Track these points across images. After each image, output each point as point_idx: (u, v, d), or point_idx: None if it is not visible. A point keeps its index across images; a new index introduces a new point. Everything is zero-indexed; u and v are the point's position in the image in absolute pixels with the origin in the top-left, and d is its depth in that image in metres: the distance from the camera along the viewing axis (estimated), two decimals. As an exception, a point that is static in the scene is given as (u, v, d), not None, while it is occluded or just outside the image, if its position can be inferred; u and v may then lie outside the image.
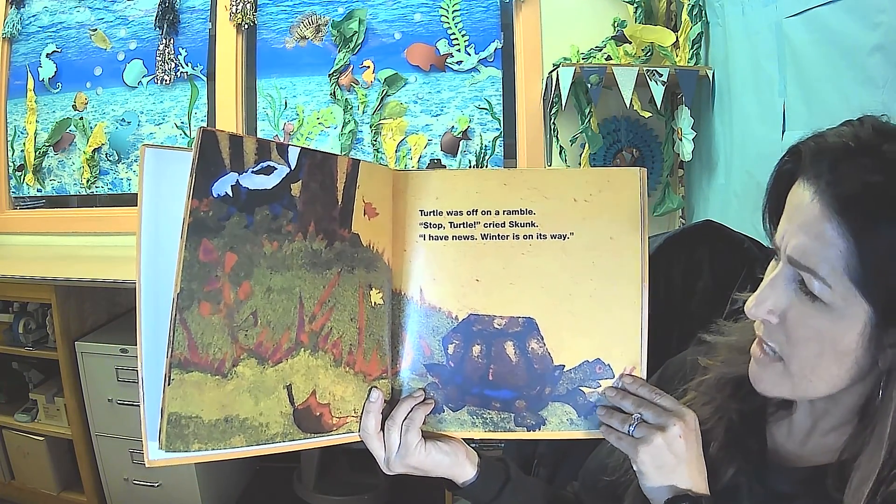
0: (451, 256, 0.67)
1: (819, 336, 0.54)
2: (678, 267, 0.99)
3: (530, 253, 0.66)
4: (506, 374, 0.67)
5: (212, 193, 0.55)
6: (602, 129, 2.05)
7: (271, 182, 0.58)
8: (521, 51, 2.19)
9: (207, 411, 0.56)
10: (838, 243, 0.51)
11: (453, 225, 0.67)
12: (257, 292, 0.58)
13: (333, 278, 0.62)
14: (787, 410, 0.67)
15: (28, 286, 1.93)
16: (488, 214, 0.67)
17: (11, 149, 2.49)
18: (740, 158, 1.65)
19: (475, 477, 0.70)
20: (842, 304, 0.52)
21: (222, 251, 0.56)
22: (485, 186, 0.67)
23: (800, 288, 0.55)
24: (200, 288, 0.55)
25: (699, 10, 1.85)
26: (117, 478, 2.01)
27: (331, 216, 0.62)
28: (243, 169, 0.57)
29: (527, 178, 0.67)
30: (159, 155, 0.58)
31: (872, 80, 1.07)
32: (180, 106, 2.35)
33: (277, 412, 0.60)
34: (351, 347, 0.64)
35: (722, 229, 0.99)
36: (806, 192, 0.54)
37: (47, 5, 2.44)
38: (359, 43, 2.23)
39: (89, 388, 1.96)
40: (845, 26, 1.16)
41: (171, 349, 0.53)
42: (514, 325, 0.66)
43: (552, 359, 0.66)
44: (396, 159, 2.24)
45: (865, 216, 0.50)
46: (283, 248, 0.59)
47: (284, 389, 0.60)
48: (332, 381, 0.63)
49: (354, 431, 0.66)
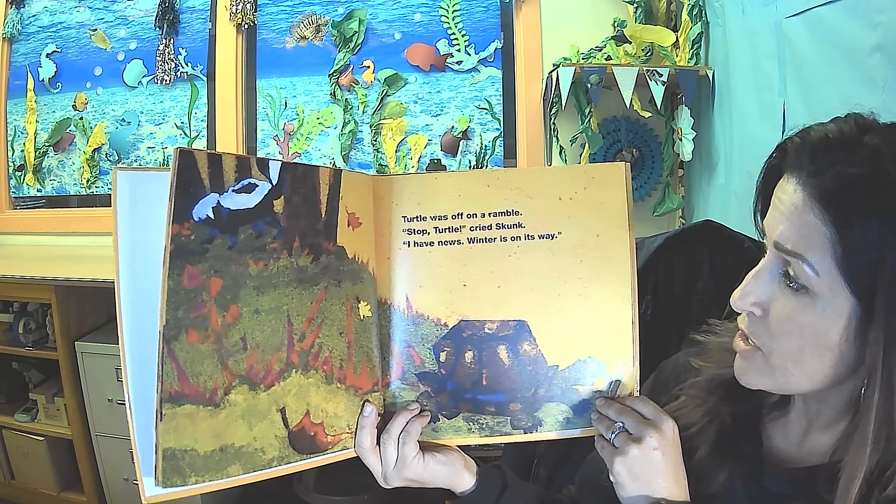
0: (438, 262, 0.66)
1: (801, 330, 0.54)
2: (678, 267, 0.99)
3: (518, 254, 0.65)
4: (500, 378, 0.66)
5: (192, 217, 0.53)
6: (602, 129, 2.04)
7: (253, 200, 0.56)
8: (521, 51, 2.19)
9: (202, 443, 0.54)
10: (823, 230, 0.51)
11: (438, 230, 0.66)
12: (245, 315, 0.56)
13: (321, 294, 0.61)
14: (783, 411, 0.67)
15: (28, 286, 1.93)
16: (474, 217, 0.65)
17: (11, 149, 2.49)
18: (740, 158, 1.65)
19: (474, 486, 0.69)
20: (828, 293, 0.52)
21: (207, 276, 0.54)
22: (468, 189, 0.66)
23: (784, 281, 0.55)
24: (187, 315, 0.53)
25: (699, 10, 1.85)
26: (117, 478, 2.01)
27: (315, 230, 0.60)
28: (224, 189, 0.54)
29: (510, 179, 0.66)
30: (133, 178, 0.56)
31: (872, 80, 1.07)
32: (180, 106, 2.35)
33: (272, 436, 0.58)
34: (341, 363, 0.63)
35: (722, 229, 0.98)
36: (790, 184, 0.55)
37: (47, 5, 2.44)
38: (359, 43, 2.23)
39: (89, 388, 1.96)
40: (845, 26, 1.16)
41: (160, 383, 0.52)
42: (506, 328, 0.66)
43: (546, 360, 0.66)
44: (396, 159, 2.24)
45: (847, 206, 0.50)
46: (268, 267, 0.57)
47: (278, 413, 0.58)
48: (324, 398, 0.62)
49: (350, 448, 0.65)
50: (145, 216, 0.55)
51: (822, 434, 0.62)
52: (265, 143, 2.31)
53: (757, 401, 0.67)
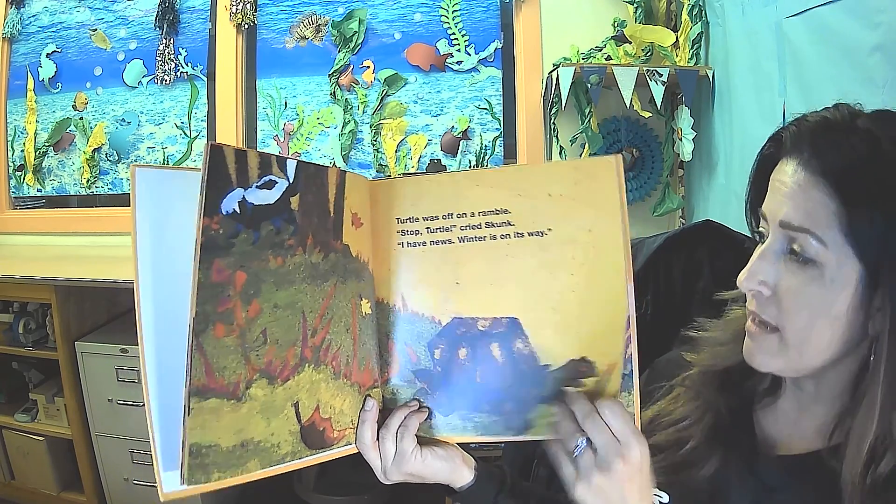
0: (430, 262, 0.66)
1: (811, 302, 0.56)
2: (678, 267, 0.99)
3: (509, 252, 0.65)
4: (493, 376, 0.66)
5: (221, 211, 0.54)
6: (602, 129, 2.05)
7: (273, 196, 0.57)
8: (521, 51, 2.19)
9: (225, 438, 0.55)
10: (828, 203, 0.54)
11: (430, 230, 0.66)
12: (265, 310, 0.57)
13: (330, 290, 0.62)
14: (773, 397, 0.68)
15: (28, 286, 1.93)
16: (464, 217, 0.65)
17: (11, 149, 2.49)
18: (740, 158, 1.66)
19: (472, 481, 0.69)
20: (835, 264, 0.54)
21: (233, 270, 0.54)
22: (458, 189, 0.66)
23: (790, 258, 0.57)
24: (214, 309, 0.53)
25: (699, 10, 1.85)
26: (117, 478, 2.01)
27: (325, 228, 0.61)
28: (248, 184, 0.56)
29: (500, 178, 0.66)
30: (151, 176, 0.57)
31: (872, 80, 1.07)
32: (180, 106, 2.35)
33: (286, 431, 0.59)
34: (348, 359, 0.64)
35: (722, 229, 0.98)
36: (790, 167, 0.58)
37: (47, 5, 2.44)
38: (359, 43, 2.23)
39: (89, 388, 1.96)
40: (845, 26, 1.16)
41: (189, 377, 0.52)
42: (499, 325, 0.65)
43: (537, 358, 0.65)
44: (396, 159, 2.24)
45: (850, 180, 0.54)
46: (286, 263, 0.58)
47: (292, 407, 0.59)
48: (332, 394, 0.62)
49: (352, 443, 0.65)
50: (164, 214, 0.56)
51: (814, 419, 0.63)
52: (265, 143, 2.31)
53: (749, 391, 0.68)
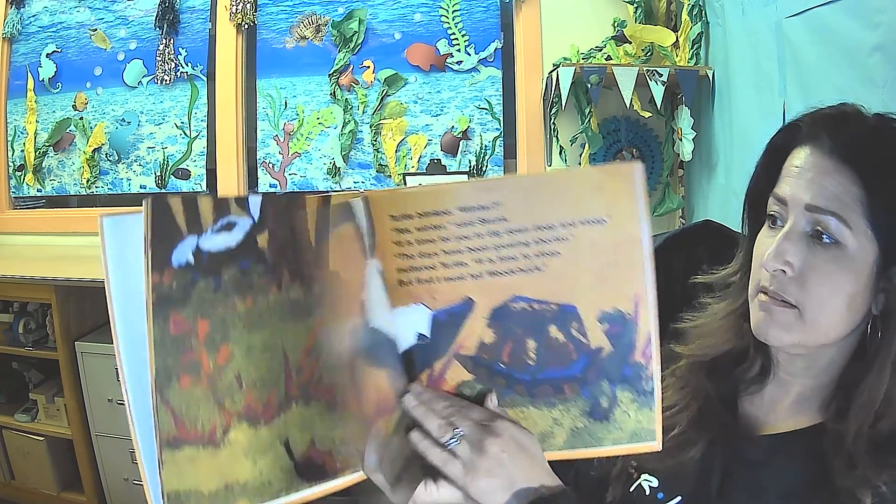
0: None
1: (832, 281, 0.59)
2: (678, 267, 0.99)
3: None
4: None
5: (172, 264, 0.51)
6: (602, 129, 2.05)
7: (234, 239, 0.54)
8: (521, 51, 2.19)
9: (205, 483, 0.53)
10: (852, 189, 0.58)
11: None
12: (237, 354, 0.54)
13: (316, 323, 0.59)
14: (760, 385, 0.71)
15: (28, 286, 1.93)
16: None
17: (11, 149, 2.49)
18: (740, 158, 1.65)
19: None
20: (855, 245, 0.58)
21: (193, 320, 0.52)
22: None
23: (813, 240, 0.60)
24: (177, 362, 0.51)
25: (699, 10, 1.85)
26: (117, 478, 2.02)
27: (305, 260, 0.58)
28: (202, 231, 0.52)
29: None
30: (119, 223, 0.53)
31: (872, 80, 1.07)
32: (180, 106, 2.35)
33: (278, 468, 0.57)
34: (344, 389, 0.61)
35: (722, 229, 0.98)
36: (810, 153, 0.61)
37: (47, 5, 2.44)
38: (359, 43, 2.23)
39: (89, 388, 1.97)
40: (845, 26, 1.16)
41: (157, 431, 0.50)
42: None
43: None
44: (396, 159, 2.24)
45: (873, 166, 0.58)
46: (258, 304, 0.55)
47: (282, 445, 0.57)
48: (330, 426, 0.60)
49: (360, 470, 0.63)
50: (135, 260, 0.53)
51: (798, 400, 0.67)
52: (265, 143, 2.31)
53: (736, 378, 0.71)
